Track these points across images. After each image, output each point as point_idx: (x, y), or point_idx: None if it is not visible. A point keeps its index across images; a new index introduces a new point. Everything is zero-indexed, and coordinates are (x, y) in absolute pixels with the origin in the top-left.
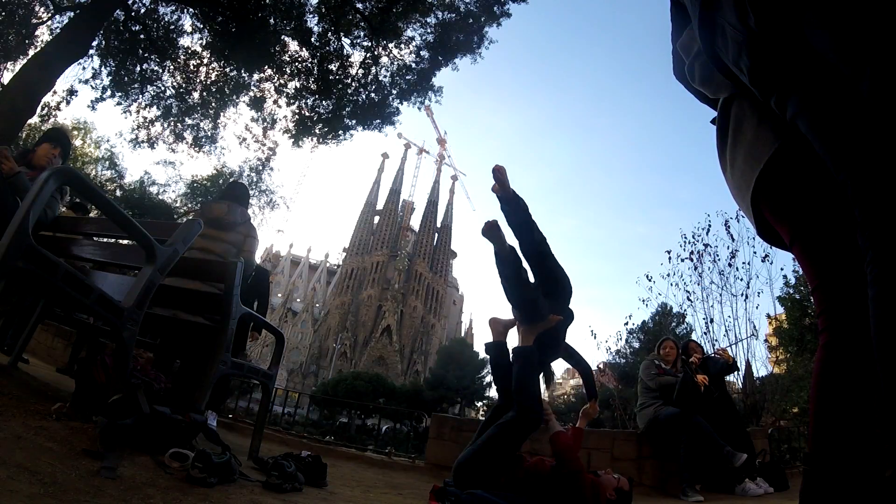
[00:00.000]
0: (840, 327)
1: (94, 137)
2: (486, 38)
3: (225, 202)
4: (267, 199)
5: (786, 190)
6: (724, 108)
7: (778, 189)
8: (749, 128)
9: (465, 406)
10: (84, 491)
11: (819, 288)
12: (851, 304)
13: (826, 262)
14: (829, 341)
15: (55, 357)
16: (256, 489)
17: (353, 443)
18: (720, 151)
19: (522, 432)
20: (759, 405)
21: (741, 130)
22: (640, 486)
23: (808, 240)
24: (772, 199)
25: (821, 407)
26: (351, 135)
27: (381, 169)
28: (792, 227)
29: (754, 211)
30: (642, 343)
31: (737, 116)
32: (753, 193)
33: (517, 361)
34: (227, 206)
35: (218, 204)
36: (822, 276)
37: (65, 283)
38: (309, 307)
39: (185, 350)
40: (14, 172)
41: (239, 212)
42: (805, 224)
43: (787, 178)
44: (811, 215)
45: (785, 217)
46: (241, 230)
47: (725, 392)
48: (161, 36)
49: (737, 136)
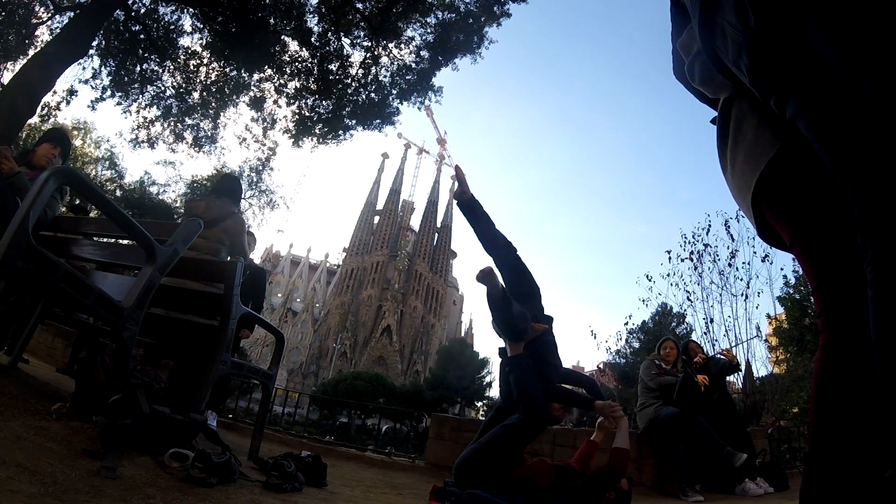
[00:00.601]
0: (840, 327)
1: (94, 137)
2: (486, 38)
3: (203, 199)
4: (267, 199)
5: (786, 190)
6: (725, 108)
7: (778, 190)
8: (749, 128)
9: (465, 406)
10: (84, 491)
11: (819, 288)
12: (851, 305)
13: (826, 263)
14: (829, 341)
15: (55, 357)
16: (256, 489)
17: (353, 443)
18: (720, 151)
19: (528, 434)
20: (759, 405)
21: (741, 131)
22: (640, 486)
23: (807, 240)
24: (772, 200)
25: (821, 407)
26: (351, 135)
27: (381, 169)
28: (792, 227)
29: (755, 211)
30: (642, 343)
31: (737, 117)
32: (754, 194)
33: (514, 370)
34: (204, 204)
35: (196, 202)
36: (822, 277)
37: (65, 283)
38: (309, 307)
39: (178, 348)
40: (14, 172)
41: (217, 206)
42: (805, 224)
43: (787, 179)
44: (811, 216)
45: (785, 217)
46: (227, 226)
47: (726, 392)
48: (161, 36)
49: (737, 137)
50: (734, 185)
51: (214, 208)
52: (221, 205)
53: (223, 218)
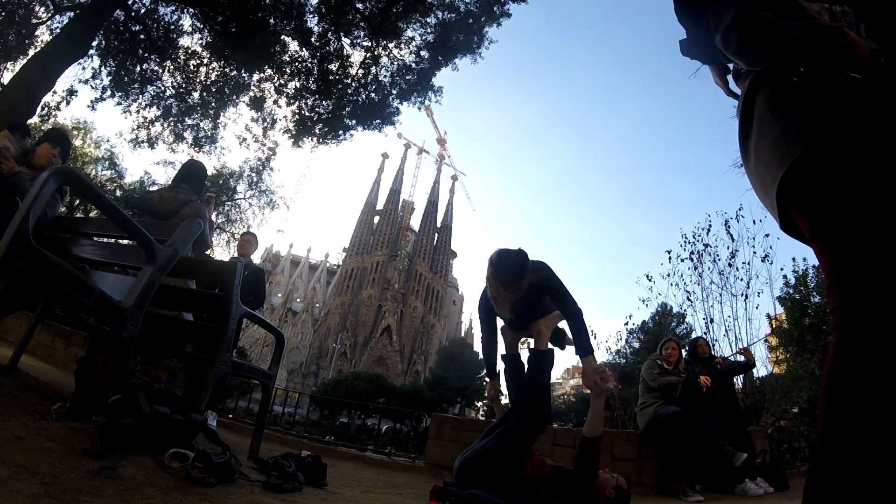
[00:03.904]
0: (854, 326)
1: (94, 137)
2: (486, 38)
3: (158, 191)
4: (267, 199)
5: (811, 186)
6: (748, 97)
7: (803, 185)
8: (775, 121)
9: (465, 406)
10: (84, 491)
11: (835, 284)
12: (867, 303)
13: (844, 259)
14: (842, 339)
15: (55, 357)
16: (256, 489)
17: (353, 443)
18: (742, 143)
19: (532, 436)
20: (759, 405)
21: (765, 123)
22: (639, 486)
23: (827, 236)
24: (796, 195)
25: (831, 405)
26: (351, 135)
27: (381, 169)
28: (813, 220)
29: (779, 204)
30: (642, 343)
31: (761, 108)
32: (779, 189)
33: (534, 366)
34: (158, 195)
35: (151, 194)
36: (839, 273)
37: (65, 283)
38: (309, 307)
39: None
40: (14, 172)
41: (171, 197)
42: (827, 219)
43: (813, 175)
44: (834, 211)
45: (807, 210)
46: (184, 215)
47: (732, 391)
48: (161, 36)
49: (761, 128)
50: (756, 178)
51: (169, 199)
52: (176, 195)
53: (178, 208)
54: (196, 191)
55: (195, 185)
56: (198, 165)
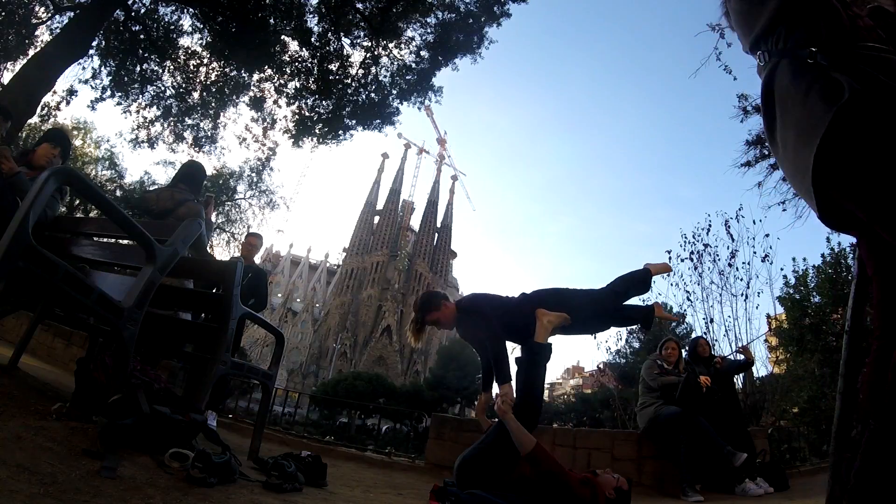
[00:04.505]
0: None
1: (94, 137)
2: (486, 38)
3: (154, 190)
4: (267, 200)
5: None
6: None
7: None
8: (796, 103)
9: (465, 406)
10: (84, 491)
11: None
12: None
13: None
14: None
15: (55, 357)
16: (256, 489)
17: (353, 443)
18: (769, 138)
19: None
20: (759, 405)
21: (787, 108)
22: (639, 486)
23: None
24: (836, 177)
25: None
26: (351, 135)
27: (381, 169)
28: (866, 207)
29: (816, 192)
30: (642, 343)
31: (780, 95)
32: (814, 173)
33: (530, 358)
34: (154, 195)
35: (148, 193)
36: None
37: (65, 283)
38: (309, 307)
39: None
40: (14, 172)
41: (167, 196)
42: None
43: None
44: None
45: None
46: (179, 214)
47: (732, 391)
48: (161, 36)
49: (784, 117)
50: (789, 168)
51: (165, 198)
52: (172, 194)
53: (174, 208)
54: (193, 191)
55: (193, 186)
56: (196, 167)
